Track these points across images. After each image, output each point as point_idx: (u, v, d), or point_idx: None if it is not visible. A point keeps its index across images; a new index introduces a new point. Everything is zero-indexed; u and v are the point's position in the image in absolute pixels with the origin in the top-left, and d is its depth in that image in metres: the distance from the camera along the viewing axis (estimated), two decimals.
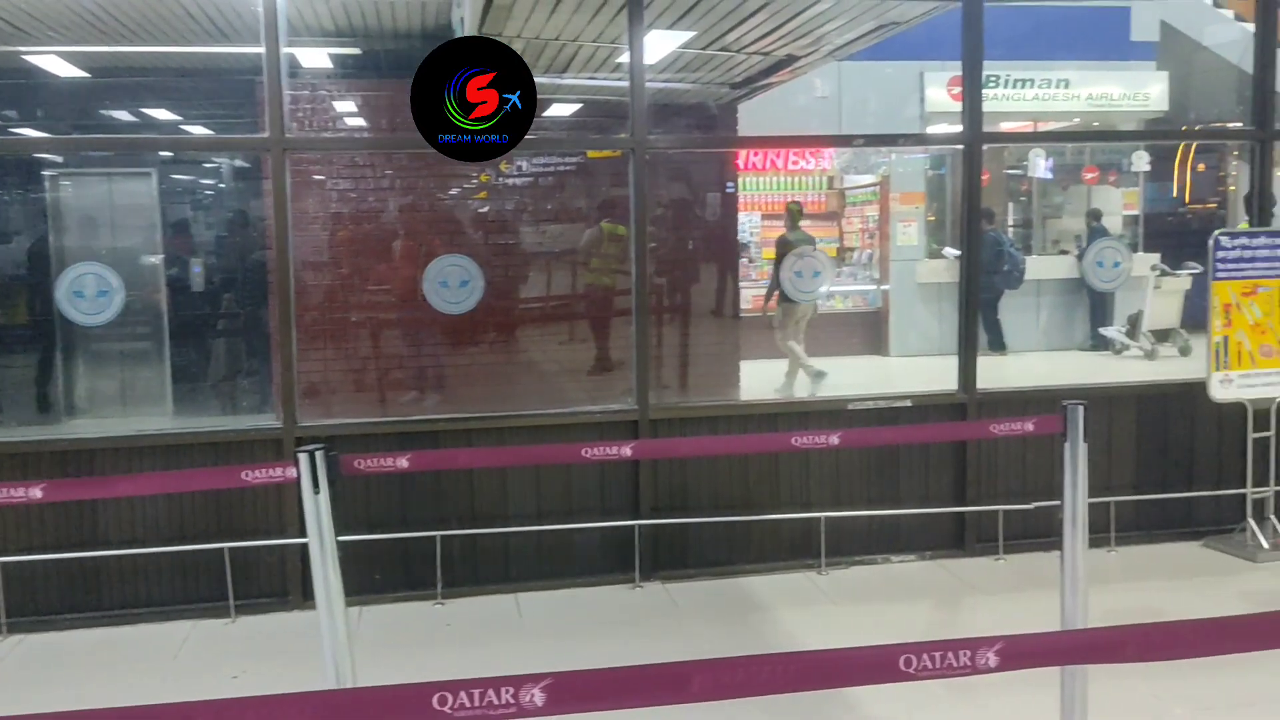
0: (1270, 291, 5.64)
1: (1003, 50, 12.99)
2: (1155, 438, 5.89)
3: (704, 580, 5.39)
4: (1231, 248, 5.58)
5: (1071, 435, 3.40)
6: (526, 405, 6.48)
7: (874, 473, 5.64)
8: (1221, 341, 5.60)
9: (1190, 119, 14.49)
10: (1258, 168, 5.92)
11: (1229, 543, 5.64)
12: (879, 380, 11.29)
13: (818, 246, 11.15)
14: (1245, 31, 9.36)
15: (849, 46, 6.90)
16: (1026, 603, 4.86)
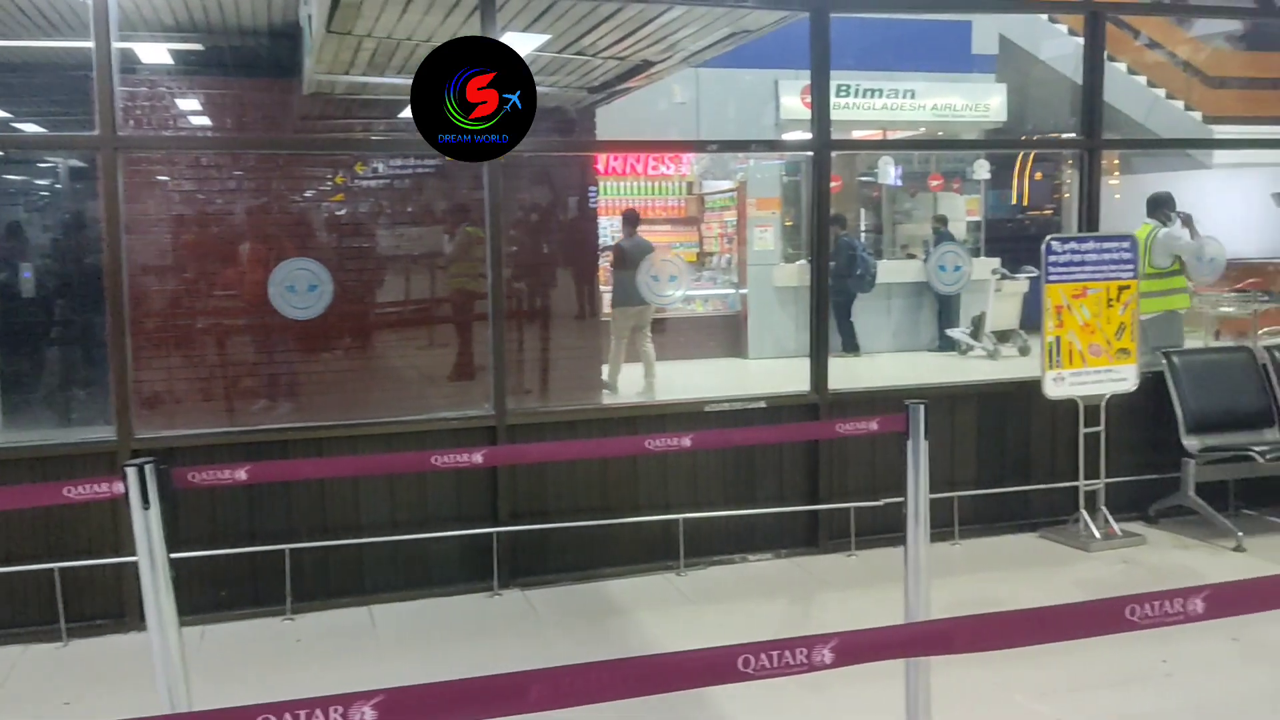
0: (1098, 293, 5.94)
1: (854, 61, 13.40)
2: (995, 434, 6.14)
3: (564, 585, 5.36)
4: (1062, 252, 5.87)
5: (913, 434, 3.51)
6: (383, 412, 6.34)
7: (731, 474, 5.72)
8: (1054, 341, 5.88)
9: (1028, 129, 15.21)
10: (1086, 175, 6.25)
11: (1064, 533, 5.93)
12: (738, 382, 11.50)
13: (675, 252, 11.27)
14: (1078, 45, 9.90)
15: (703, 53, 6.99)
16: (876, 596, 5.00)
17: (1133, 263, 5.97)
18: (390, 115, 9.15)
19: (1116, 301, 5.95)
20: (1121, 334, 5.96)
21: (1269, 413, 6.22)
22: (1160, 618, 1.75)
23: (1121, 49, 14.87)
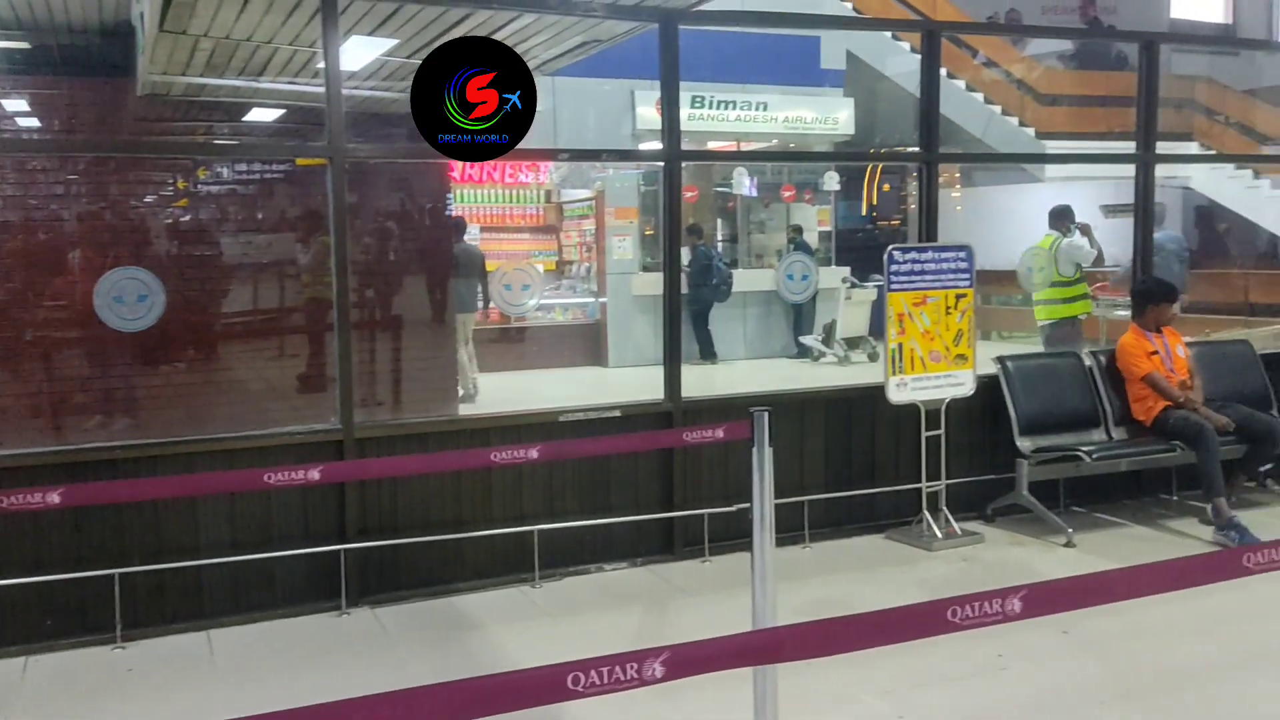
0: (938, 302, 6.16)
1: (709, 73, 13.62)
2: (843, 439, 6.30)
3: (416, 602, 5.25)
4: (903, 262, 6.06)
5: (758, 440, 3.56)
6: (225, 428, 6.09)
7: (586, 483, 5.70)
8: (897, 348, 6.06)
9: (876, 142, 15.74)
10: (925, 187, 6.48)
11: (908, 534, 6.13)
12: (598, 391, 11.50)
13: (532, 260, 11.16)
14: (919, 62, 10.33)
15: (555, 62, 6.96)
16: (728, 602, 5.05)
17: (969, 272, 6.21)
18: (234, 118, 8.83)
19: (954, 309, 6.18)
20: (960, 340, 6.19)
21: (1095, 415, 6.56)
22: (980, 618, 1.81)
23: (961, 67, 15.54)
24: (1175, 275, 10.09)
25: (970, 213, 17.05)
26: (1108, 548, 5.92)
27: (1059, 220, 8.45)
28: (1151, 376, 6.33)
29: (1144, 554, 5.71)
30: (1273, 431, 6.28)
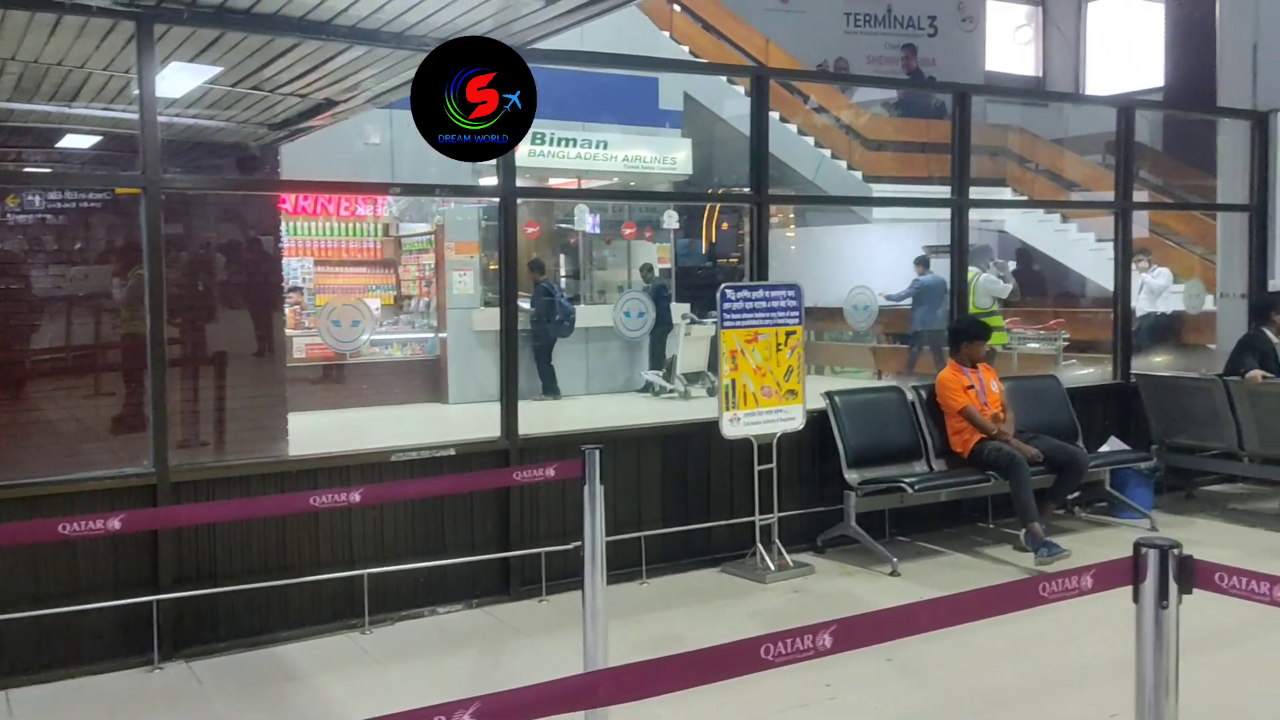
0: (769, 338, 6.32)
1: (550, 110, 13.68)
2: (679, 474, 6.37)
3: (236, 653, 5.00)
4: (735, 300, 6.19)
5: (589, 478, 3.56)
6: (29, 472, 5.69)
7: (420, 524, 5.57)
8: (730, 384, 6.18)
9: (714, 182, 16.11)
10: (756, 227, 6.65)
11: (742, 567, 6.22)
12: (437, 428, 11.30)
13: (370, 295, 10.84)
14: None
15: (390, 94, 6.85)
16: (564, 641, 5.01)
17: (798, 310, 6.39)
18: (47, 144, 8.35)
19: (785, 346, 6.35)
20: (790, 376, 6.36)
21: (917, 447, 6.84)
22: (793, 655, 1.83)
23: (794, 112, 16.12)
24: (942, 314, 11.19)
25: (804, 252, 17.64)
26: (929, 575, 6.15)
27: (978, 258, 9.04)
28: (968, 410, 6.64)
29: (962, 580, 5.96)
30: (1077, 461, 6.67)
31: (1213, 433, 7.35)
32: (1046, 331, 12.31)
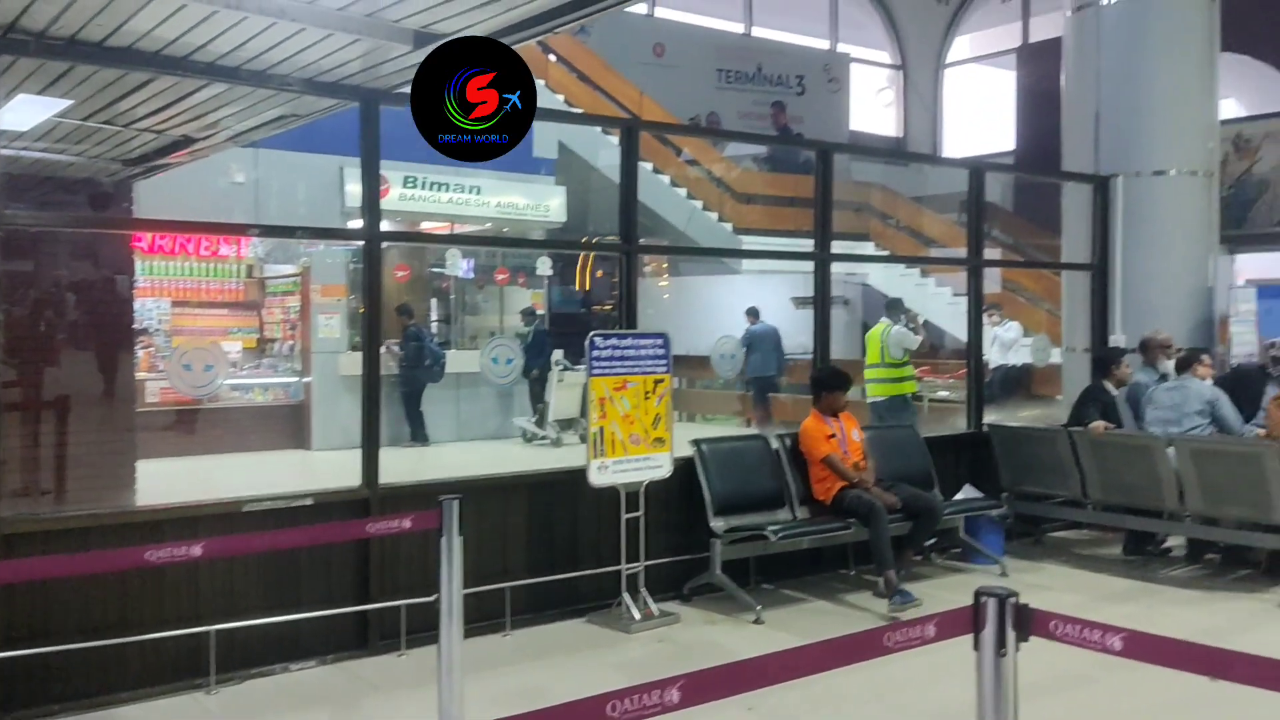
0: (637, 386, 6.34)
1: (423, 154, 13.56)
2: (546, 523, 6.31)
3: (70, 716, 4.71)
4: (604, 348, 6.21)
5: (447, 530, 3.49)
6: None
7: (273, 576, 5.37)
8: (598, 432, 6.17)
9: (589, 230, 16.20)
10: (625, 276, 6.70)
11: (608, 617, 6.17)
12: (298, 476, 10.95)
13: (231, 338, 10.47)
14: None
15: (252, 133, 6.70)
16: (421, 697, 4.86)
17: (666, 358, 6.44)
18: None
19: (653, 394, 6.39)
20: (658, 424, 6.38)
21: (781, 495, 6.93)
22: (641, 710, 1.81)
23: (666, 164, 16.39)
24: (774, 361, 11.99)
25: (677, 301, 17.87)
26: (792, 622, 6.22)
27: (892, 310, 9.62)
28: (830, 458, 6.79)
29: (823, 627, 6.04)
30: (933, 509, 6.88)
31: (1058, 481, 7.68)
32: (956, 380, 12.78)
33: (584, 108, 15.00)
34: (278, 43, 4.75)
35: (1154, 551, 7.76)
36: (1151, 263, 8.86)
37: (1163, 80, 8.88)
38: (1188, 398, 7.36)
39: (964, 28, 22.00)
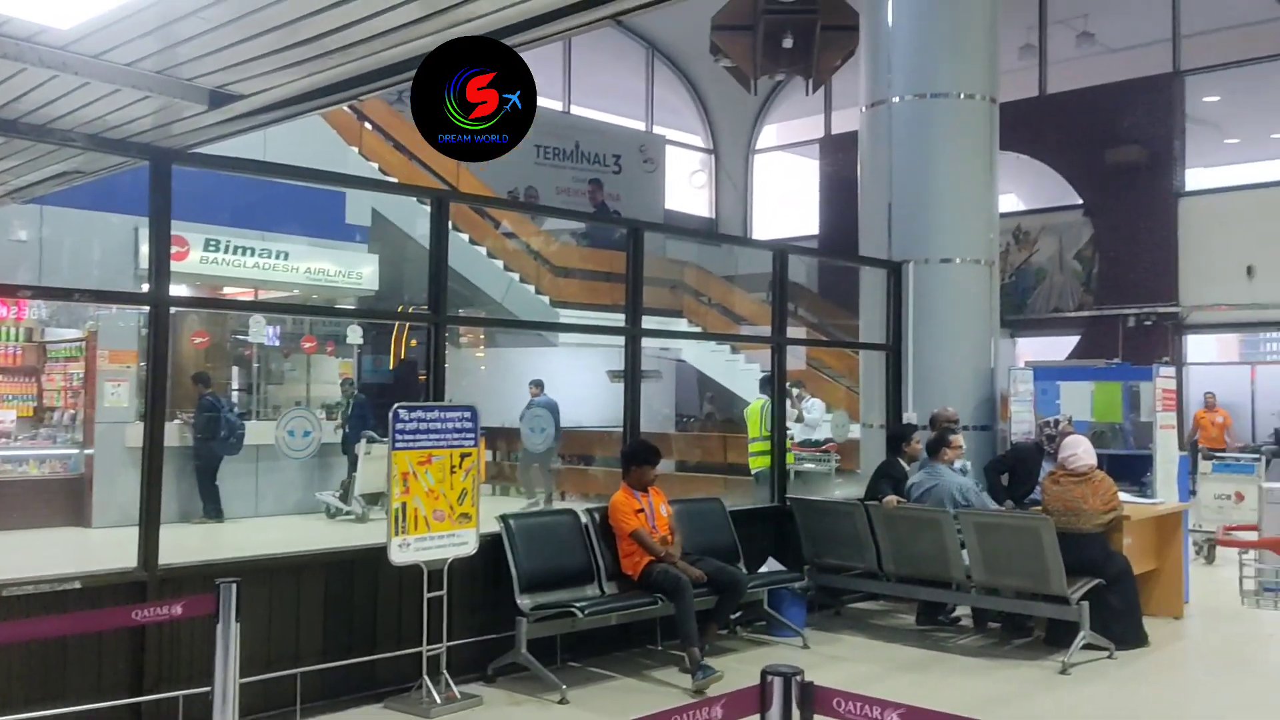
0: (443, 460, 6.19)
1: (228, 217, 13.10)
2: (344, 603, 6.03)
3: None
4: (409, 420, 6.06)
5: (224, 615, 3.27)
6: None
7: (37, 666, 4.90)
8: (400, 508, 5.98)
9: (404, 299, 15.90)
10: (433, 347, 6.58)
11: (407, 701, 5.92)
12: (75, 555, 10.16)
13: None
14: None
15: (33, 189, 6.29)
16: None
17: (474, 431, 6.33)
18: None
19: (459, 468, 6.25)
20: (464, 499, 6.24)
21: (590, 571, 6.87)
22: None
23: (484, 235, 16.36)
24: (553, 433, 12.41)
25: (493, 372, 17.71)
26: (597, 701, 6.13)
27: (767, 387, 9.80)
28: (638, 533, 6.79)
29: (628, 705, 5.98)
30: (738, 583, 6.97)
31: (856, 553, 7.93)
32: (821, 454, 13.07)
33: (400, 177, 14.84)
34: (60, 96, 4.49)
35: (945, 621, 8.08)
36: (940, 344, 9.39)
37: (948, 174, 9.53)
38: (940, 496, 7.61)
39: (772, 117, 23.09)
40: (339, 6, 3.62)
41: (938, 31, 9.56)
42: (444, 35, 3.78)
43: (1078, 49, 18.50)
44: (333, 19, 3.73)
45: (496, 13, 3.49)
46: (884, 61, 9.73)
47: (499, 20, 3.52)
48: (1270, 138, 18.51)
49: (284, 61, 4.18)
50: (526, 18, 3.47)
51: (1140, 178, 17.34)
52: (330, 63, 4.16)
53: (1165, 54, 17.49)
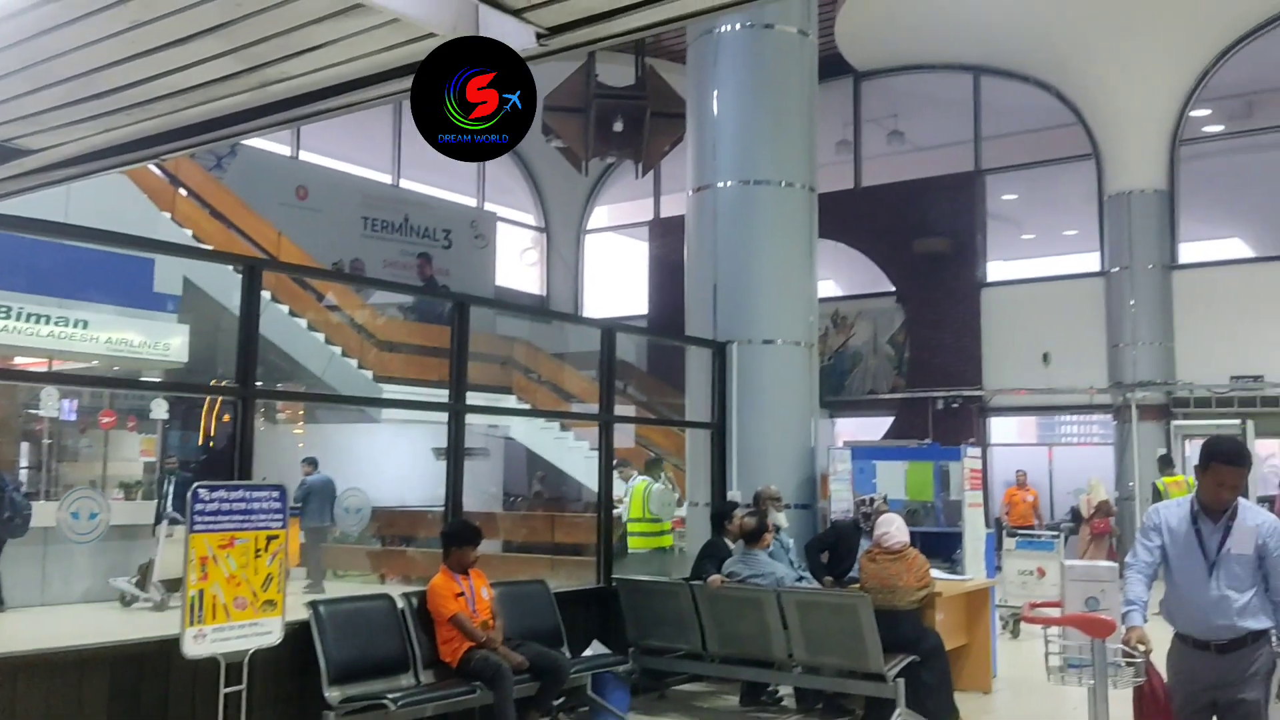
0: (247, 543, 5.81)
1: (22, 282, 12.24)
2: (130, 701, 5.54)
3: None
4: (210, 500, 5.67)
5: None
6: None
7: None
8: (197, 595, 5.56)
9: (217, 372, 15.13)
10: (240, 423, 6.23)
11: None
12: None
13: None
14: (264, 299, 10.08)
15: None
16: None
17: (282, 512, 5.99)
18: None
19: (265, 551, 5.87)
20: (269, 585, 5.86)
21: (406, 659, 6.55)
22: None
23: (305, 307, 15.82)
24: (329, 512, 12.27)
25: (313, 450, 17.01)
26: None
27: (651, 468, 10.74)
28: (457, 618, 6.53)
29: None
30: (560, 668, 6.78)
31: (680, 634, 7.85)
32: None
33: (216, 245, 14.22)
34: None
35: (768, 701, 8.08)
36: (763, 423, 9.55)
37: (770, 258, 9.80)
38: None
39: (604, 198, 23.46)
40: (140, 58, 3.42)
41: (760, 122, 9.91)
42: (255, 95, 3.63)
43: (888, 146, 19.64)
44: (133, 71, 3.52)
45: (311, 74, 3.36)
46: (709, 148, 10.00)
47: (313, 82, 3.39)
48: (1062, 234, 20.00)
49: (78, 115, 3.92)
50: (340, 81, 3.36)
51: (946, 268, 18.37)
52: (130, 118, 3.92)
53: (968, 154, 18.74)
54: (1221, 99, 17.17)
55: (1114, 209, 17.25)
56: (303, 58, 3.23)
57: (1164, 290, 16.85)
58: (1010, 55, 17.73)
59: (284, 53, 3.26)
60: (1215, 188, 18.09)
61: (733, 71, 9.97)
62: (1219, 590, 4.44)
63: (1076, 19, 16.02)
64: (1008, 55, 17.77)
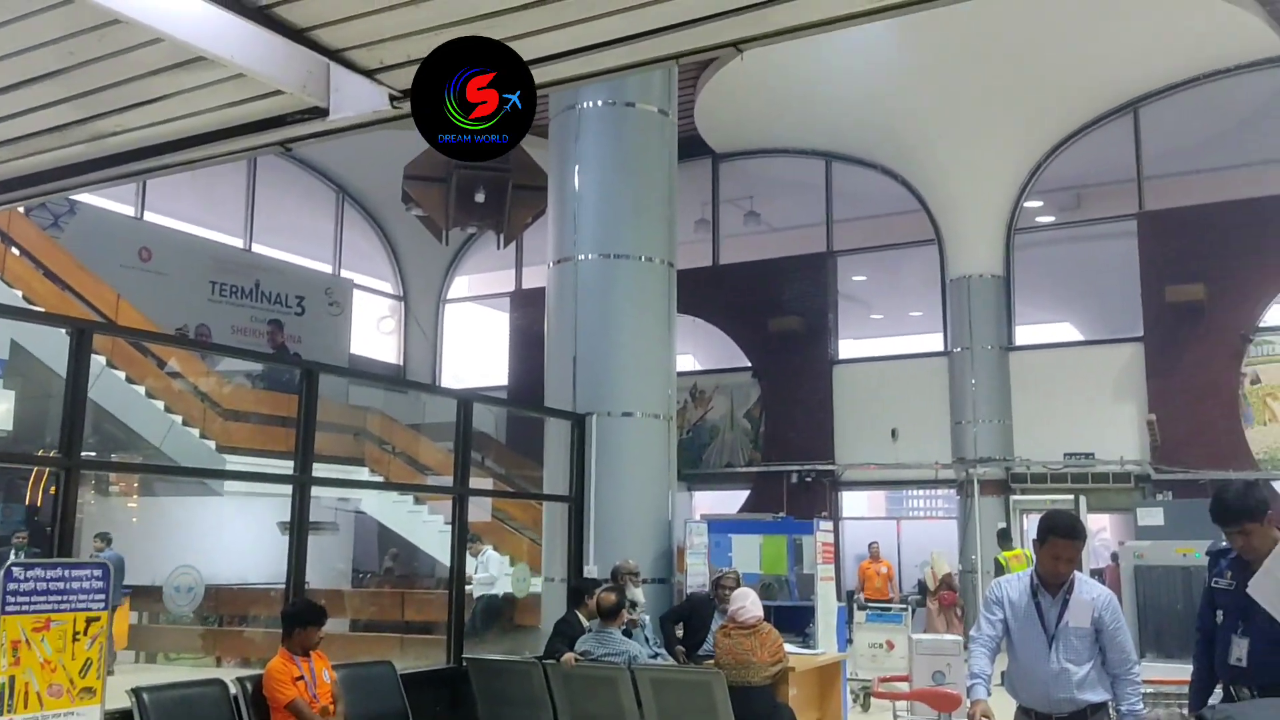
0: (64, 625, 5.40)
1: None
2: None
3: None
4: (25, 579, 5.26)
5: None
6: None
7: None
8: (8, 682, 5.12)
9: (45, 441, 14.23)
10: (63, 495, 5.83)
11: None
12: None
13: None
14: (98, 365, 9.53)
15: None
16: None
17: (105, 592, 5.59)
18: None
19: (84, 635, 5.47)
20: (88, 671, 5.45)
21: None
22: None
23: (144, 373, 15.08)
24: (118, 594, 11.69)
25: (147, 524, 16.08)
26: None
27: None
28: (295, 704, 6.19)
29: None
30: None
31: (533, 714, 7.63)
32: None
33: (49, 307, 13.46)
34: None
35: None
36: (621, 495, 9.50)
37: (630, 331, 9.86)
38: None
39: (464, 268, 23.30)
40: None
41: (621, 197, 10.03)
42: (91, 147, 3.45)
43: (745, 226, 20.18)
44: None
45: (149, 127, 3.21)
46: (571, 221, 10.06)
47: (152, 135, 3.24)
48: (908, 314, 20.83)
49: None
50: (180, 136, 3.22)
51: (800, 345, 18.86)
52: None
53: (820, 235, 19.40)
54: (1052, 191, 18.29)
55: (955, 292, 18.07)
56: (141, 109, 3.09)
57: (1002, 370, 17.66)
58: (859, 143, 18.54)
59: (122, 104, 3.11)
60: (1047, 274, 19.18)
61: (594, 146, 10.10)
62: (1059, 663, 4.55)
63: (920, 112, 16.89)
64: (857, 143, 18.57)
